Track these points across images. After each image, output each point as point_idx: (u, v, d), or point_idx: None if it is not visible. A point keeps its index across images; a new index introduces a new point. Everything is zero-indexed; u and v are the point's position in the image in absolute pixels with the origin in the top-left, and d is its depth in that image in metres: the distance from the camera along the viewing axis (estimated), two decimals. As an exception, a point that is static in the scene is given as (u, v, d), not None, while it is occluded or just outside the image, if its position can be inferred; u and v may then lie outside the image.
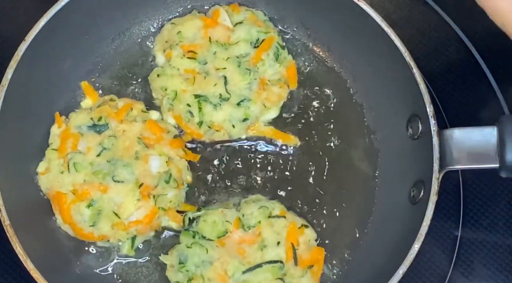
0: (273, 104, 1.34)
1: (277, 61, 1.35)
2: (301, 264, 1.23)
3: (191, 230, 1.25)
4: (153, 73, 1.36)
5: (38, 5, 1.30)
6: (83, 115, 1.29)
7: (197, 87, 1.32)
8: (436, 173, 1.15)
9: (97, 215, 1.23)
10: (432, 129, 1.17)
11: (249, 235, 1.24)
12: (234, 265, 1.21)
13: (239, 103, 1.31)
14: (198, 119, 1.31)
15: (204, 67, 1.34)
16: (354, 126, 1.37)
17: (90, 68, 1.38)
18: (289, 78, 1.37)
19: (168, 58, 1.35)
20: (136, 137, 1.28)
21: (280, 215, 1.26)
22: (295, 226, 1.25)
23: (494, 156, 1.14)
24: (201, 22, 1.36)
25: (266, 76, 1.34)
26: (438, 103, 1.42)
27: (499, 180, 1.38)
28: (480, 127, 1.16)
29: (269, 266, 1.21)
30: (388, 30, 1.24)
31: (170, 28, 1.38)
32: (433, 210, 1.14)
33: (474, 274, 1.35)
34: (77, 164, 1.24)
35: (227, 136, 1.34)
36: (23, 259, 1.13)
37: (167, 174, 1.26)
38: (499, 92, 1.44)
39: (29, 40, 1.22)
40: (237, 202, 1.31)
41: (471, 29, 1.48)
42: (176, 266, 1.22)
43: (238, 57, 1.34)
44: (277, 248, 1.23)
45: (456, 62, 1.47)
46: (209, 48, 1.34)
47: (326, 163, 1.35)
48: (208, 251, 1.22)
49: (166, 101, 1.32)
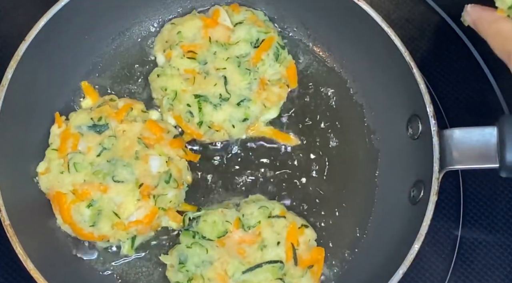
0: (273, 104, 1.34)
1: (277, 61, 1.35)
2: (301, 264, 1.23)
3: (191, 230, 1.25)
4: (153, 73, 1.36)
5: (38, 5, 1.30)
6: (83, 115, 1.29)
7: (197, 87, 1.32)
8: (436, 173, 1.15)
9: (97, 215, 1.23)
10: (432, 129, 1.17)
11: (249, 235, 1.24)
12: (234, 265, 1.21)
13: (239, 103, 1.31)
14: (198, 119, 1.31)
15: (204, 67, 1.34)
16: (354, 126, 1.37)
17: (90, 68, 1.38)
18: (289, 78, 1.37)
19: (168, 58, 1.35)
20: (136, 137, 1.28)
21: (280, 215, 1.26)
22: (295, 226, 1.25)
23: (494, 156, 1.14)
24: (201, 22, 1.36)
25: (266, 76, 1.34)
26: (438, 103, 1.42)
27: (499, 180, 1.38)
28: (480, 127, 1.16)
29: (269, 266, 1.21)
30: (388, 30, 1.24)
31: (170, 28, 1.38)
32: (433, 210, 1.14)
33: (474, 274, 1.35)
34: (77, 164, 1.24)
35: (227, 137, 1.34)
36: (23, 259, 1.13)
37: (167, 174, 1.26)
38: (499, 92, 1.44)
39: (29, 40, 1.22)
40: (237, 202, 1.31)
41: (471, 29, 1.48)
42: (176, 266, 1.22)
43: (238, 57, 1.34)
44: (277, 248, 1.23)
45: (456, 62, 1.47)
46: (209, 48, 1.34)
47: (326, 163, 1.35)
48: (208, 251, 1.22)
49: (166, 101, 1.32)
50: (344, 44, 1.38)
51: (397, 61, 1.23)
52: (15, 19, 1.47)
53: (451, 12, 1.49)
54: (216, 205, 1.30)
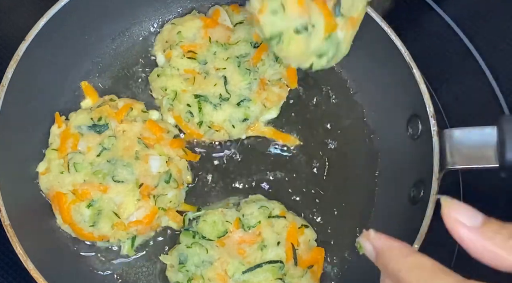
0: (273, 104, 1.34)
1: (277, 62, 1.35)
2: (301, 264, 1.23)
3: (191, 230, 1.25)
4: (153, 73, 1.36)
5: (38, 5, 1.30)
6: (83, 115, 1.29)
7: (197, 87, 1.32)
8: (436, 173, 1.15)
9: (97, 215, 1.23)
10: (432, 129, 1.17)
11: (249, 235, 1.24)
12: (234, 265, 1.21)
13: (239, 103, 1.31)
14: (198, 119, 1.31)
15: (204, 67, 1.34)
16: (354, 126, 1.38)
17: (90, 68, 1.39)
18: (289, 78, 1.37)
19: (168, 58, 1.35)
20: (136, 137, 1.28)
21: (280, 215, 1.26)
22: (295, 226, 1.25)
23: (494, 156, 1.14)
24: (201, 22, 1.36)
25: (266, 76, 1.35)
26: (438, 103, 1.42)
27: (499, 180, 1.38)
28: (480, 127, 1.16)
29: (269, 266, 1.21)
30: (388, 30, 1.24)
31: (170, 28, 1.38)
32: (433, 210, 1.14)
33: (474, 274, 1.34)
34: (77, 164, 1.25)
35: (227, 137, 1.34)
36: (23, 259, 1.13)
37: (167, 174, 1.26)
38: (499, 92, 1.44)
39: (29, 40, 1.22)
40: (237, 202, 1.31)
41: (471, 29, 1.48)
42: (176, 266, 1.22)
43: (238, 57, 1.34)
44: (277, 248, 1.23)
45: (456, 62, 1.47)
46: (209, 48, 1.35)
47: (326, 163, 1.35)
48: (208, 251, 1.22)
49: (166, 101, 1.32)
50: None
51: (397, 61, 1.23)
52: (15, 19, 1.47)
53: (451, 12, 1.49)
54: (216, 205, 1.30)
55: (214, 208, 1.28)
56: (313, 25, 1.04)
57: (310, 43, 1.06)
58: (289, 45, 1.04)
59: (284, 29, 1.03)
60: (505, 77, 1.46)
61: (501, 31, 1.51)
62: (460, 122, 1.25)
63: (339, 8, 1.07)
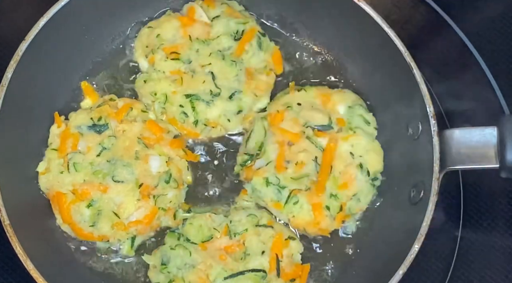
0: (263, 92, 1.34)
1: (261, 49, 1.35)
2: (283, 277, 1.22)
3: (177, 232, 1.25)
4: (138, 80, 1.34)
5: (38, 5, 1.30)
6: (83, 115, 1.29)
7: (186, 87, 1.31)
8: (436, 173, 1.15)
9: (97, 215, 1.23)
10: (432, 130, 1.17)
11: (233, 242, 1.23)
12: (217, 270, 1.20)
13: (231, 96, 1.31)
14: (193, 118, 1.31)
15: (189, 66, 1.33)
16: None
17: (90, 68, 1.38)
18: (275, 64, 1.36)
19: (152, 62, 1.33)
20: (136, 137, 1.28)
21: (268, 225, 1.25)
22: (281, 237, 1.24)
23: (494, 156, 1.14)
24: (178, 21, 1.35)
25: (252, 65, 1.34)
26: (438, 103, 1.42)
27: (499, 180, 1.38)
28: (480, 127, 1.16)
29: (251, 274, 1.20)
30: (388, 30, 1.24)
31: (148, 32, 1.36)
32: (433, 210, 1.14)
33: (474, 274, 1.34)
34: (77, 164, 1.25)
35: (224, 132, 1.34)
36: (23, 259, 1.13)
37: (167, 174, 1.26)
38: (499, 92, 1.44)
39: (29, 40, 1.22)
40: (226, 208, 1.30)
41: (471, 29, 1.48)
42: (158, 266, 1.22)
43: (220, 51, 1.33)
44: (261, 257, 1.22)
45: (456, 62, 1.47)
46: (191, 47, 1.34)
47: (326, 163, 1.35)
48: (192, 254, 1.21)
49: (158, 105, 1.32)
50: (344, 44, 1.38)
51: (397, 61, 1.23)
52: (15, 19, 1.47)
53: (451, 12, 1.49)
54: (205, 209, 1.29)
55: (202, 212, 1.27)
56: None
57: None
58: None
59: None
60: (505, 78, 1.46)
61: (501, 32, 1.51)
62: (460, 123, 1.25)
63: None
